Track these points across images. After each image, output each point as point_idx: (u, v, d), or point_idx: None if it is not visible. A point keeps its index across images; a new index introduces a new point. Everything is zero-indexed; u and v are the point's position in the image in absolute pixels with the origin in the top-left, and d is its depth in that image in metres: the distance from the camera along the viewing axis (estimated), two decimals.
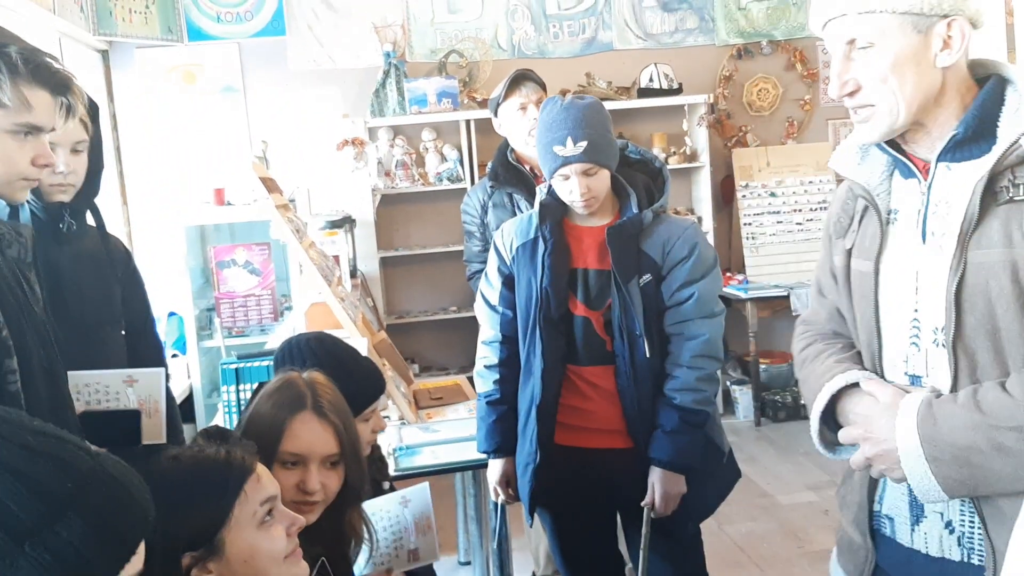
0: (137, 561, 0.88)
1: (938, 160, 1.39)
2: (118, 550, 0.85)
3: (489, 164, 3.18)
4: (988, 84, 1.38)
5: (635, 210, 2.26)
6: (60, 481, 0.82)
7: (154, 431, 1.80)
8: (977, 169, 1.34)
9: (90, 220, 2.22)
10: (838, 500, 1.63)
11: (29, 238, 1.69)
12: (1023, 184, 1.31)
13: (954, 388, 1.35)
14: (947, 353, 1.35)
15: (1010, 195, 1.31)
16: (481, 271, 3.16)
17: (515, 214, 2.96)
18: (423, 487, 2.00)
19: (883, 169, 1.48)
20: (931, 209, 1.40)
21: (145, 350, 2.30)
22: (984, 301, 1.31)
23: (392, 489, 2.10)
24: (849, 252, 1.52)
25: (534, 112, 2.99)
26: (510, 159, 3.12)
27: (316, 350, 1.93)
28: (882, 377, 1.46)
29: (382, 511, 1.92)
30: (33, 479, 0.81)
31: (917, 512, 1.44)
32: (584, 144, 2.17)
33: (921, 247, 1.41)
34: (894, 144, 1.45)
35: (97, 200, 2.23)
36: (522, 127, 3.05)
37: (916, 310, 1.41)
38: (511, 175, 3.08)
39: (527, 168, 3.09)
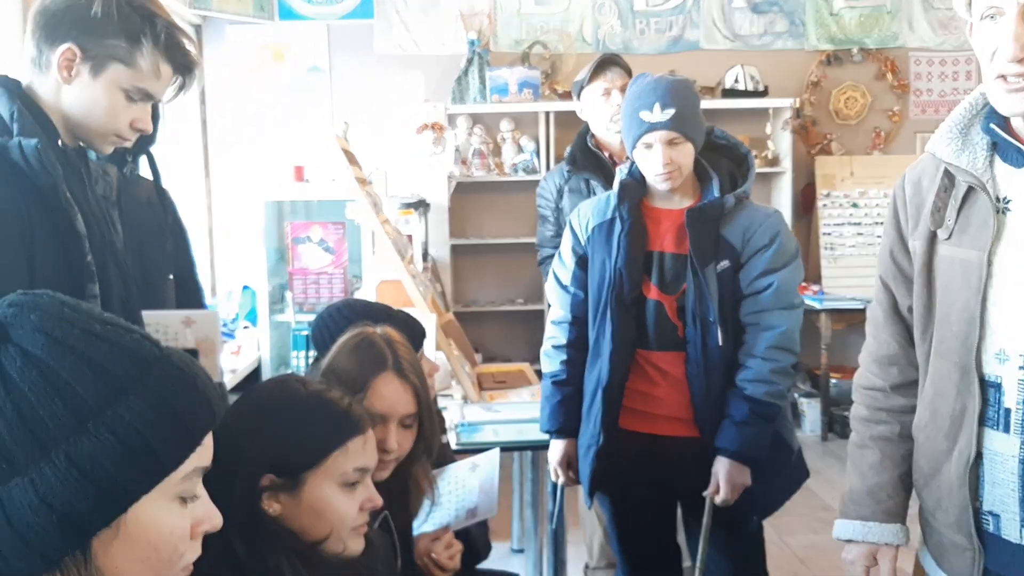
0: (203, 455, 0.88)
1: None
2: (182, 437, 0.85)
3: (568, 148, 3.14)
4: None
5: (717, 194, 2.21)
6: (122, 365, 0.83)
7: (210, 370, 1.83)
8: None
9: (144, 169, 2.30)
10: (927, 503, 1.55)
11: (115, 177, 1.73)
12: None
13: None
14: None
15: None
16: (551, 256, 3.14)
17: None
18: (494, 453, 2.00)
19: (985, 155, 1.42)
20: None
21: (190, 295, 2.36)
22: None
23: (447, 445, 2.10)
24: (933, 239, 1.46)
25: (618, 98, 2.93)
26: (589, 144, 3.07)
27: (349, 316, 1.91)
28: (979, 369, 1.40)
29: (453, 476, 1.93)
30: (96, 361, 0.82)
31: None
32: (672, 111, 2.13)
33: None
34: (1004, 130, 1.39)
35: (157, 153, 2.30)
36: (604, 113, 3.00)
37: None
38: (589, 160, 3.04)
39: (606, 155, 3.05)
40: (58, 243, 1.46)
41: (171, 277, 2.28)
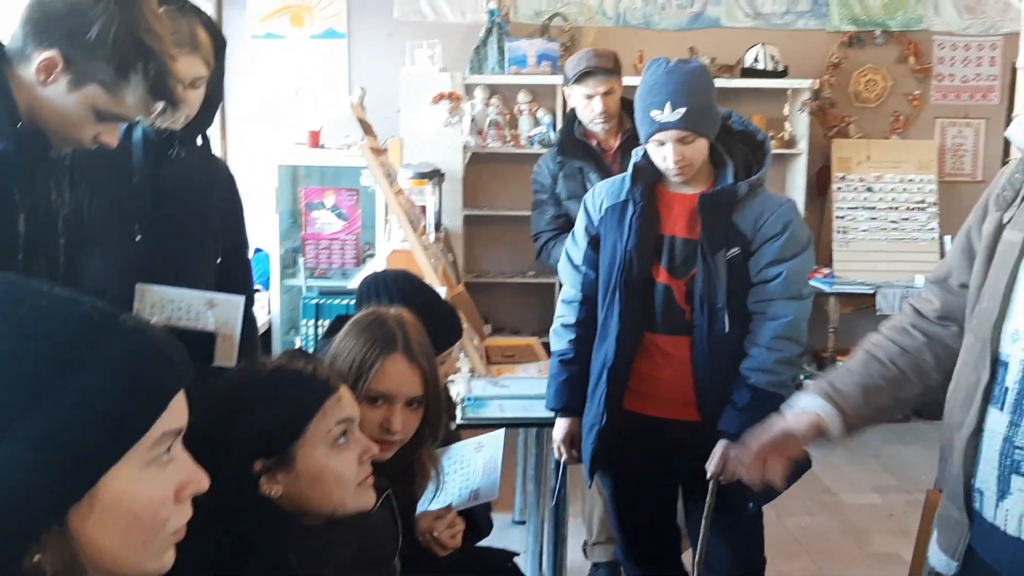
0: (173, 417, 0.87)
1: None
2: (144, 403, 0.84)
3: (556, 135, 3.19)
4: None
5: (731, 180, 2.21)
6: (73, 337, 0.82)
7: (226, 354, 1.83)
8: None
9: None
10: (941, 475, 1.59)
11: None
12: None
13: None
14: None
15: None
16: (552, 239, 3.18)
17: (585, 186, 2.94)
18: (499, 434, 2.02)
19: None
20: None
21: (237, 271, 2.32)
22: None
23: (457, 430, 2.12)
24: (1001, 225, 1.47)
25: (599, 105, 3.00)
26: (576, 133, 3.12)
27: (402, 287, 1.94)
28: (995, 347, 1.42)
29: (458, 455, 1.94)
30: (43, 336, 0.81)
31: (1003, 487, 1.40)
32: (683, 111, 2.13)
33: None
34: None
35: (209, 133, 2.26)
36: (586, 115, 3.07)
37: None
38: (578, 148, 3.11)
39: (594, 143, 3.11)
40: None
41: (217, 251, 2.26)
